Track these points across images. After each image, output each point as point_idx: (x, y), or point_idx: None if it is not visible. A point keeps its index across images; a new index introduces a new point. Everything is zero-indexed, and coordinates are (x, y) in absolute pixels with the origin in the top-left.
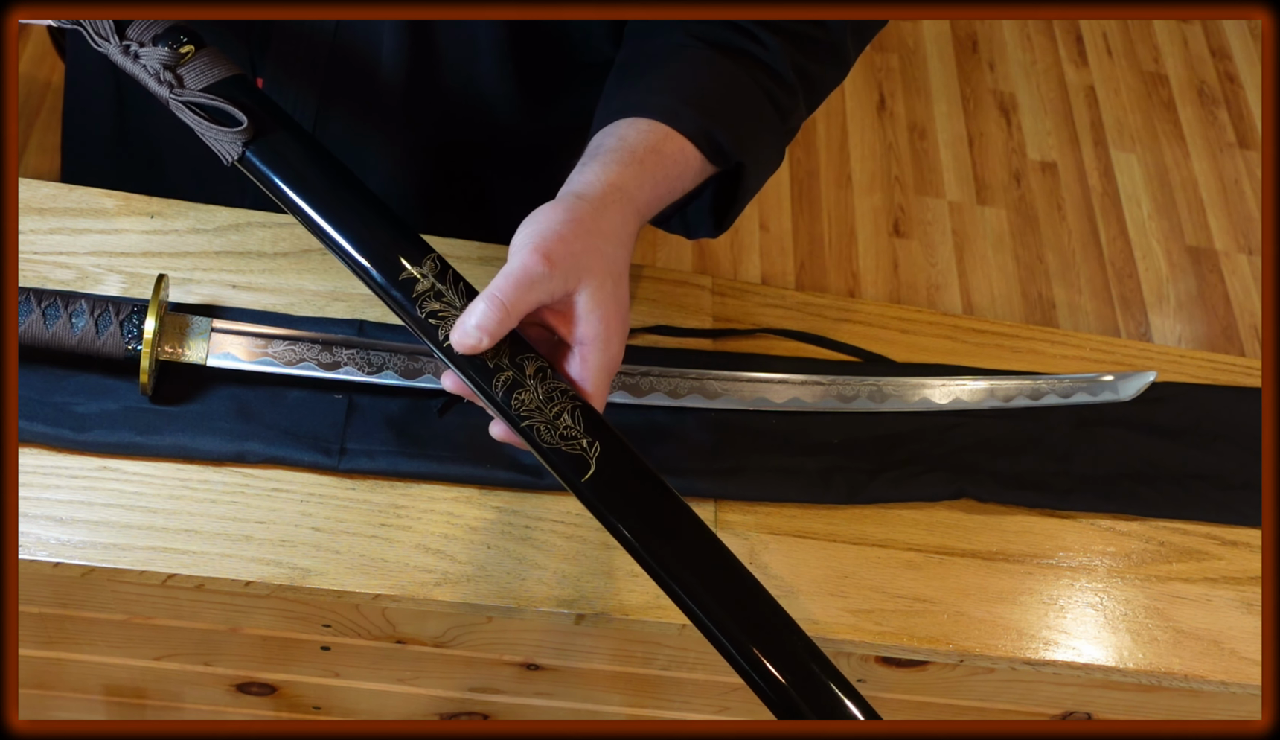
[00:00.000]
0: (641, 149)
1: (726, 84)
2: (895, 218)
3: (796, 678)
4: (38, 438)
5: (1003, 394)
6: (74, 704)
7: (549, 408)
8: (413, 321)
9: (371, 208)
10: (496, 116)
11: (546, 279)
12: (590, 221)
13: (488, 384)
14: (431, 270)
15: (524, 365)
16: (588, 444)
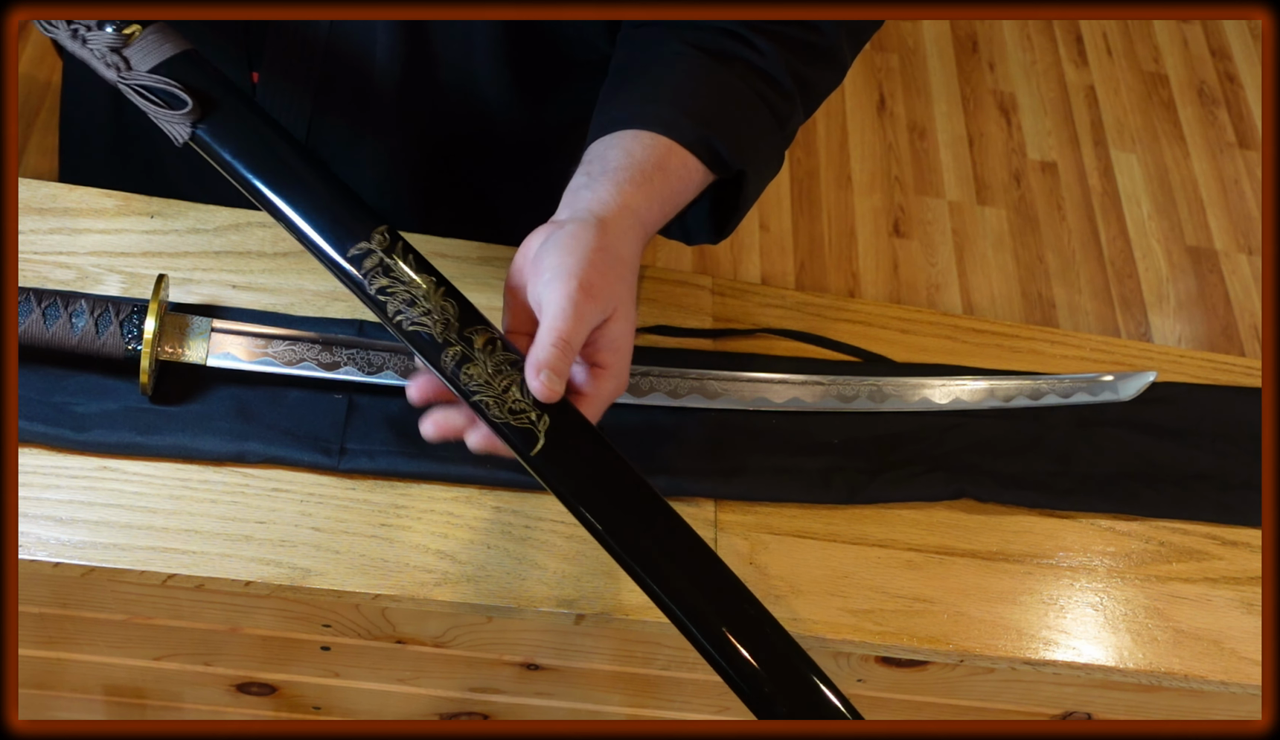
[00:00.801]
0: (649, 166)
1: (725, 93)
2: (895, 218)
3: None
4: (38, 438)
5: (1003, 394)
6: (74, 704)
7: (497, 381)
8: (364, 297)
9: (322, 182)
10: (492, 113)
11: (592, 313)
12: (615, 248)
13: (436, 360)
14: (381, 244)
15: (472, 339)
16: (536, 417)
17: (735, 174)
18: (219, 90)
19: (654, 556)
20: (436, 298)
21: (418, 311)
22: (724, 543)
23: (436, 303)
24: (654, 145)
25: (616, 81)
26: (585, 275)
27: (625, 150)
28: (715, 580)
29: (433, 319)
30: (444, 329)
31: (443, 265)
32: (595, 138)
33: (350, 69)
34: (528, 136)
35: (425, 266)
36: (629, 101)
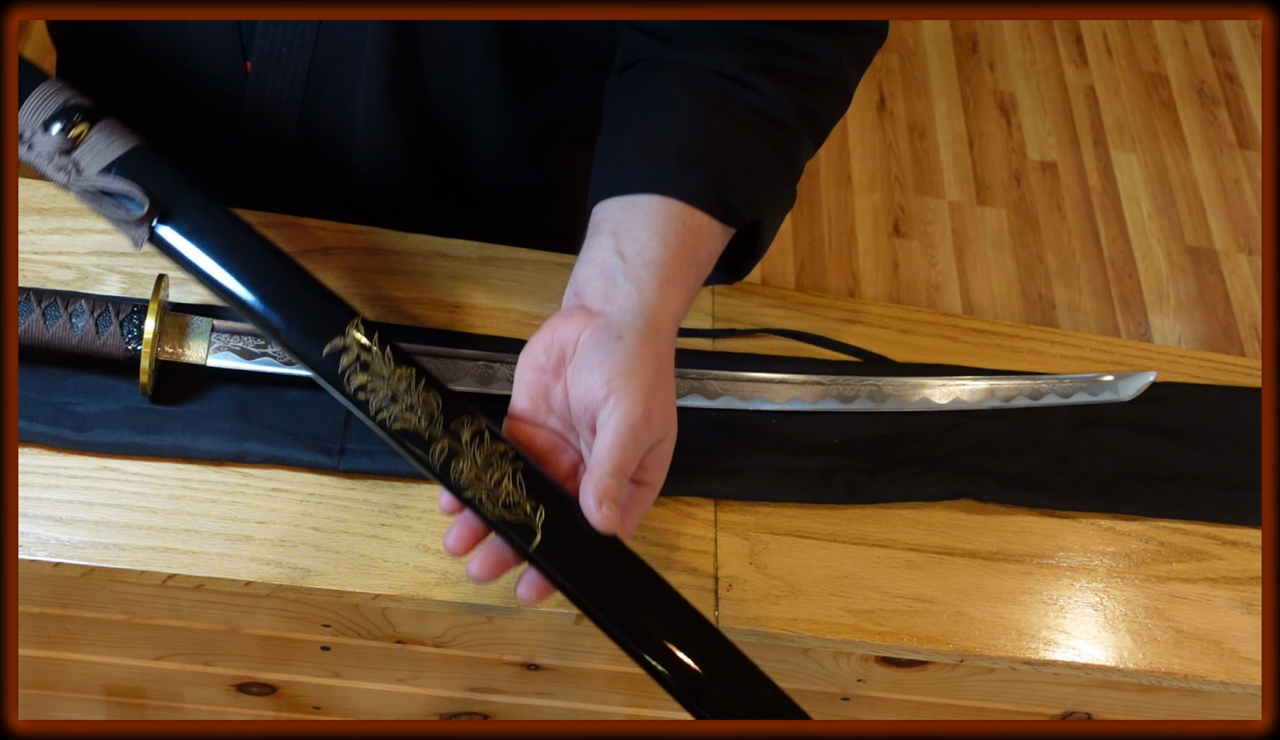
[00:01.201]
0: (682, 255)
1: (733, 145)
2: (895, 218)
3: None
4: (38, 438)
5: (1003, 394)
6: (74, 704)
7: (488, 474)
8: (343, 396)
9: (289, 276)
10: (482, 107)
11: (648, 439)
12: (665, 364)
13: (425, 456)
14: (355, 340)
15: (460, 432)
16: (531, 509)
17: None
18: (176, 186)
19: (667, 651)
20: (418, 391)
21: (400, 407)
22: (724, 543)
23: (419, 396)
24: (683, 231)
25: (617, 135)
26: (647, 401)
27: (660, 237)
28: (729, 664)
29: (416, 414)
30: (429, 423)
31: (443, 264)
32: (607, 195)
33: (340, 60)
34: (518, 132)
35: (403, 357)
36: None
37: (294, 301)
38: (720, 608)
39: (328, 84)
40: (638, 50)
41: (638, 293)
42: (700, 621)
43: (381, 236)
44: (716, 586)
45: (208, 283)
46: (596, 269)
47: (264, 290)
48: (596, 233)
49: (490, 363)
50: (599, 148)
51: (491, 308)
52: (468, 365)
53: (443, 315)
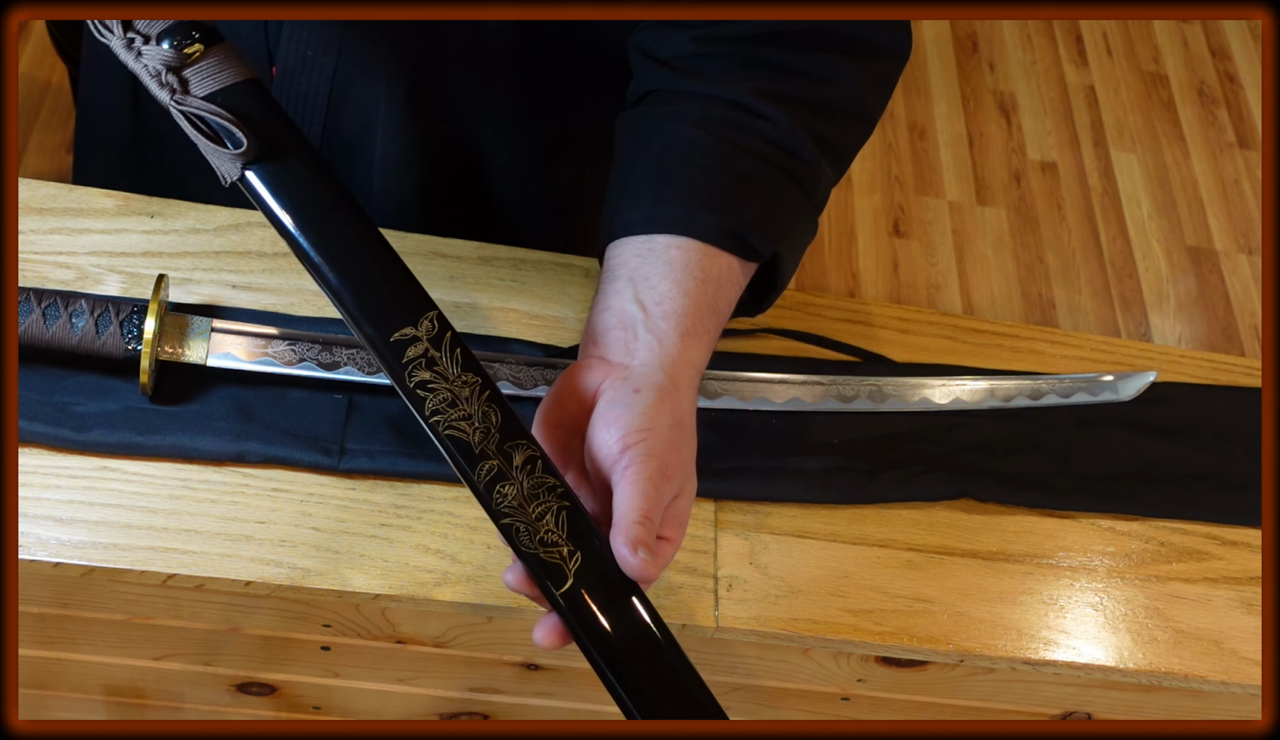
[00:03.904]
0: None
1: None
2: (895, 218)
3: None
4: (38, 438)
5: (1003, 394)
6: (74, 704)
7: (532, 506)
8: (401, 388)
9: (376, 254)
10: (501, 114)
11: (668, 494)
12: (685, 419)
13: (469, 472)
14: (428, 332)
15: (512, 455)
16: (568, 553)
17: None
18: (280, 130)
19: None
20: (479, 402)
21: (457, 414)
22: (724, 543)
23: (479, 408)
24: (703, 279)
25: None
26: (664, 458)
27: (679, 287)
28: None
29: (472, 425)
30: (483, 438)
31: (443, 264)
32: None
33: (364, 67)
34: (535, 142)
35: (472, 364)
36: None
37: (373, 280)
38: (720, 608)
39: (351, 89)
40: (649, 81)
41: (659, 345)
42: (714, 708)
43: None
44: (716, 586)
45: (288, 239)
46: (615, 318)
47: (344, 263)
48: (613, 278)
49: (490, 363)
50: (610, 185)
51: (491, 308)
52: None
53: None
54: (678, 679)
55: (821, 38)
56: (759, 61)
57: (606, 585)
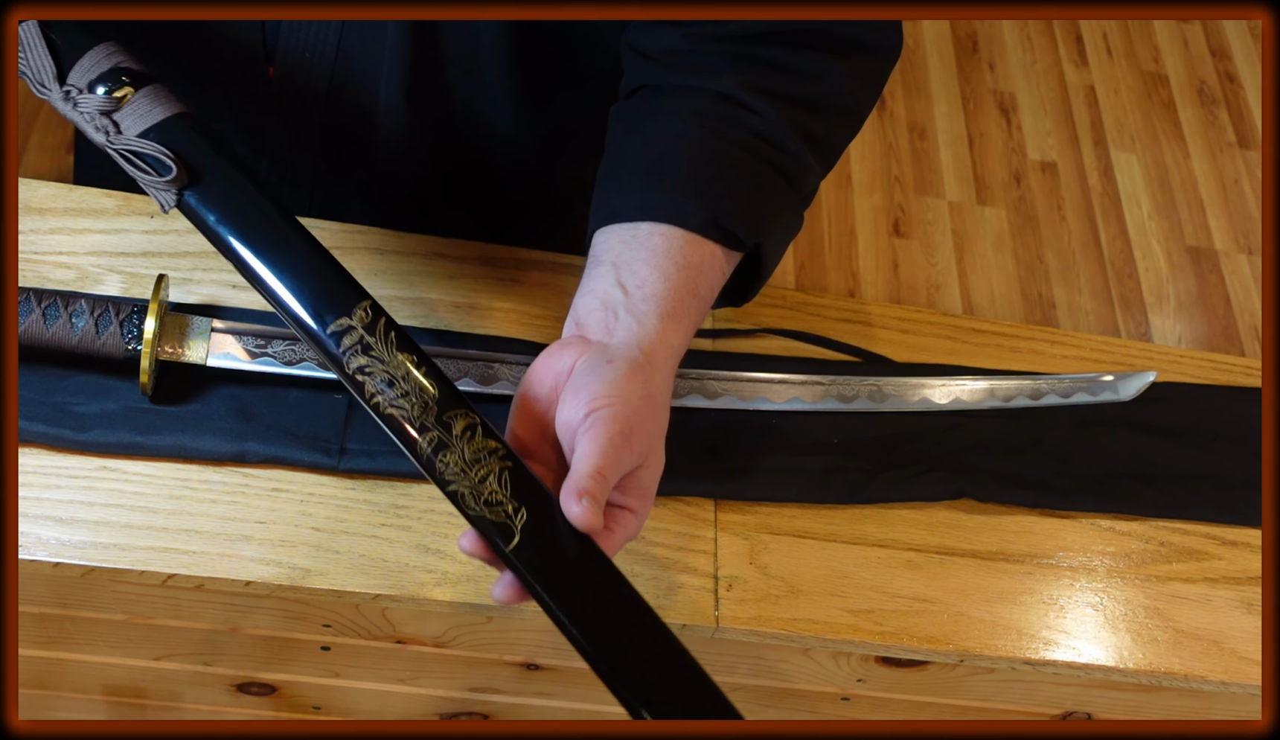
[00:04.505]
0: (684, 291)
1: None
2: (895, 218)
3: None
4: (38, 438)
5: (1003, 394)
6: (74, 704)
7: (474, 470)
8: (342, 375)
9: (307, 252)
10: (498, 114)
11: (629, 459)
12: (657, 394)
13: (413, 447)
14: (361, 320)
15: (451, 424)
16: (513, 510)
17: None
18: (208, 155)
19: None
20: (416, 378)
21: (395, 393)
22: (724, 543)
23: (415, 384)
24: (684, 264)
25: (617, 163)
26: (628, 421)
27: (661, 272)
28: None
29: (410, 402)
30: (422, 412)
31: (443, 264)
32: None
33: (362, 68)
34: (533, 139)
35: (407, 344)
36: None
37: (305, 276)
38: (720, 608)
39: (349, 89)
40: (640, 77)
41: (638, 326)
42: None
43: (382, 236)
44: (716, 586)
45: (226, 252)
46: (598, 300)
47: (277, 261)
48: (597, 263)
49: (490, 363)
50: (599, 176)
51: (491, 308)
52: (468, 365)
53: (443, 315)
54: (634, 619)
55: (812, 36)
56: (749, 57)
57: (556, 538)
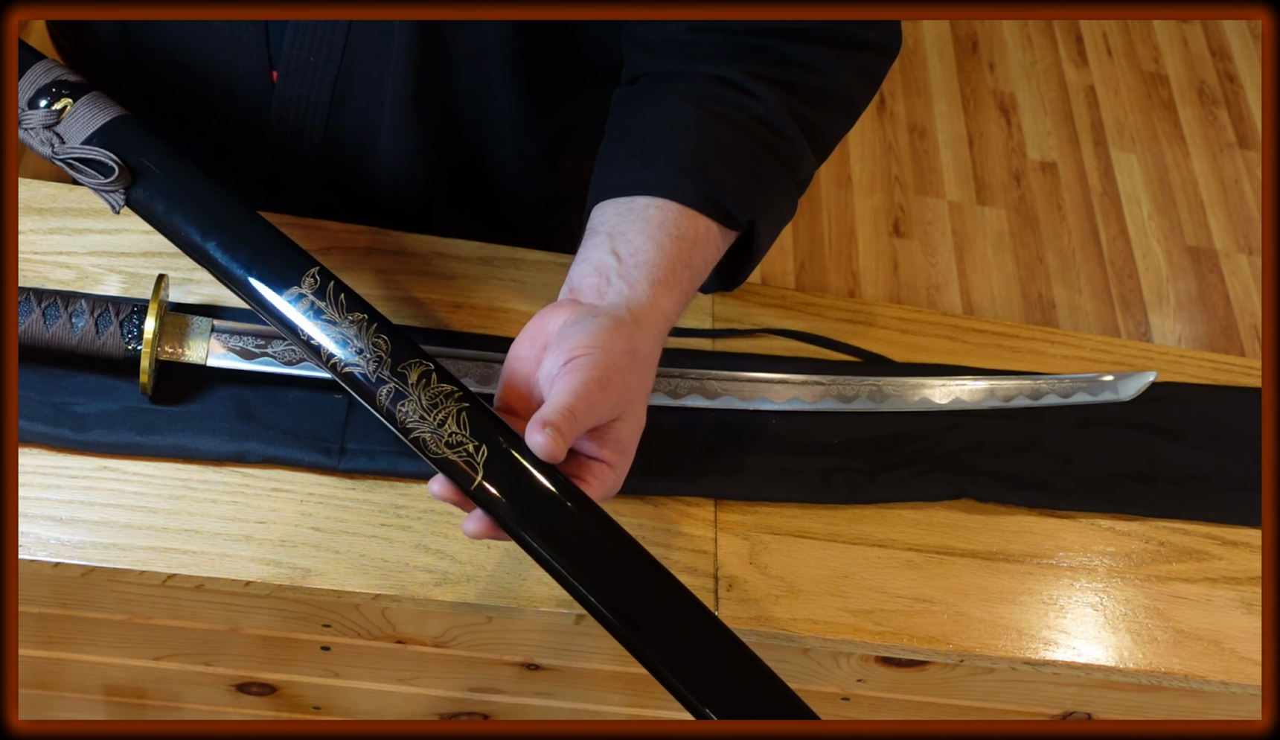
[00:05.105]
0: (677, 261)
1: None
2: (895, 218)
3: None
4: (38, 438)
5: (1003, 394)
6: (74, 704)
7: (433, 415)
8: (298, 343)
9: (251, 230)
10: (504, 115)
11: (604, 406)
12: (643, 352)
13: (372, 401)
14: (311, 287)
15: (406, 374)
16: (474, 448)
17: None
18: (151, 151)
19: (605, 589)
20: (369, 335)
21: (350, 351)
22: (724, 543)
23: (368, 341)
24: (678, 236)
25: (616, 142)
26: (606, 369)
27: (654, 241)
28: (670, 608)
29: (365, 358)
30: (377, 366)
31: (443, 264)
32: (604, 198)
33: (367, 70)
34: (537, 140)
35: (357, 304)
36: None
37: (252, 253)
38: (720, 608)
39: (353, 92)
40: (641, 66)
41: (629, 289)
42: (643, 556)
43: (382, 236)
44: (716, 586)
45: (177, 239)
46: (591, 267)
47: (225, 242)
48: (593, 234)
49: (490, 362)
50: (600, 155)
51: (491, 308)
52: (467, 365)
53: (443, 315)
54: (599, 542)
55: (812, 31)
56: (749, 47)
57: (519, 470)
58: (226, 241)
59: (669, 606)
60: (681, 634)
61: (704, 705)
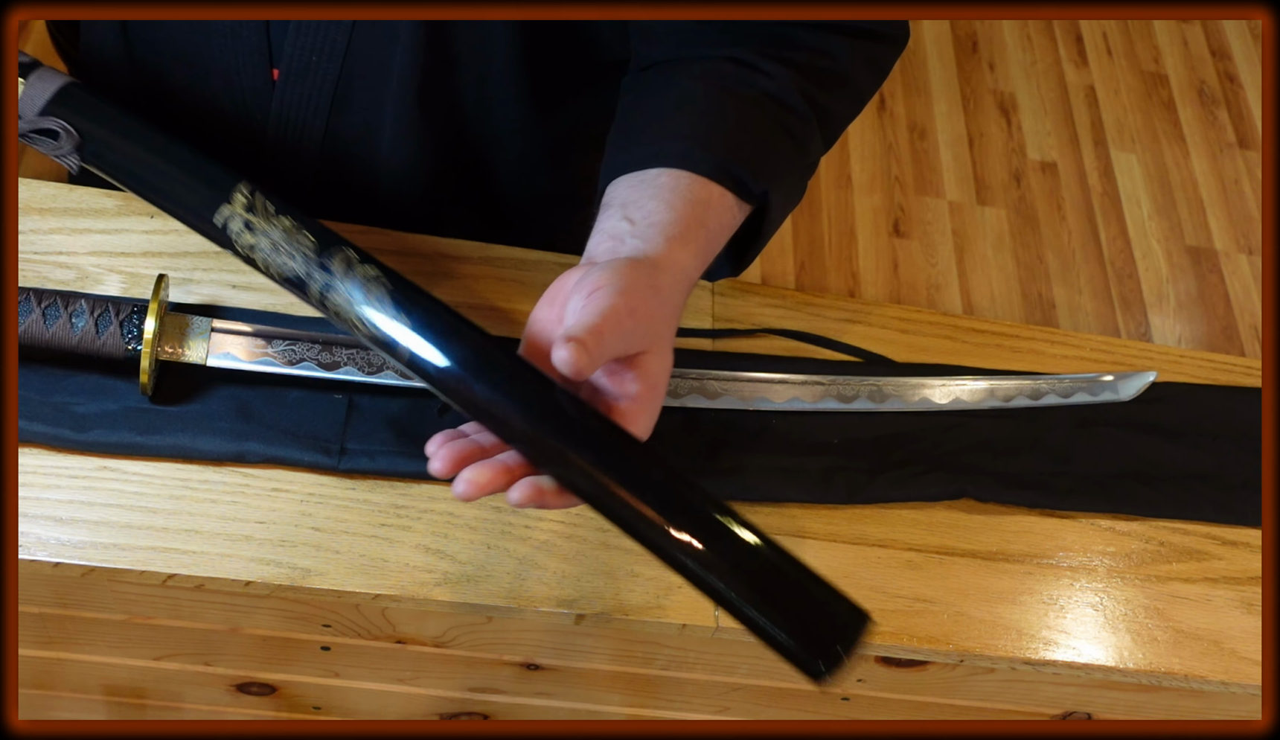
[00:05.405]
0: (691, 221)
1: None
2: (895, 218)
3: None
4: (38, 438)
5: (1003, 394)
6: (74, 704)
7: (360, 298)
8: (237, 256)
9: (180, 157)
10: (508, 115)
11: (632, 332)
12: (664, 290)
13: (307, 296)
14: (241, 204)
15: (330, 265)
16: (398, 324)
17: (760, 202)
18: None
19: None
20: (295, 236)
21: (282, 256)
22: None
23: (295, 241)
24: (691, 200)
25: (627, 121)
26: (631, 297)
27: (667, 204)
28: (558, 415)
29: (294, 257)
30: (305, 262)
31: (443, 264)
32: (614, 175)
33: (370, 70)
34: (541, 139)
35: (283, 209)
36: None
37: (182, 177)
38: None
39: (355, 92)
40: (651, 56)
41: (644, 244)
42: (539, 380)
43: (381, 236)
44: None
45: (125, 180)
46: (605, 235)
47: (156, 168)
48: (605, 208)
49: None
50: (610, 137)
51: (493, 308)
52: None
53: None
54: (523, 377)
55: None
56: (759, 32)
57: (437, 334)
58: (155, 167)
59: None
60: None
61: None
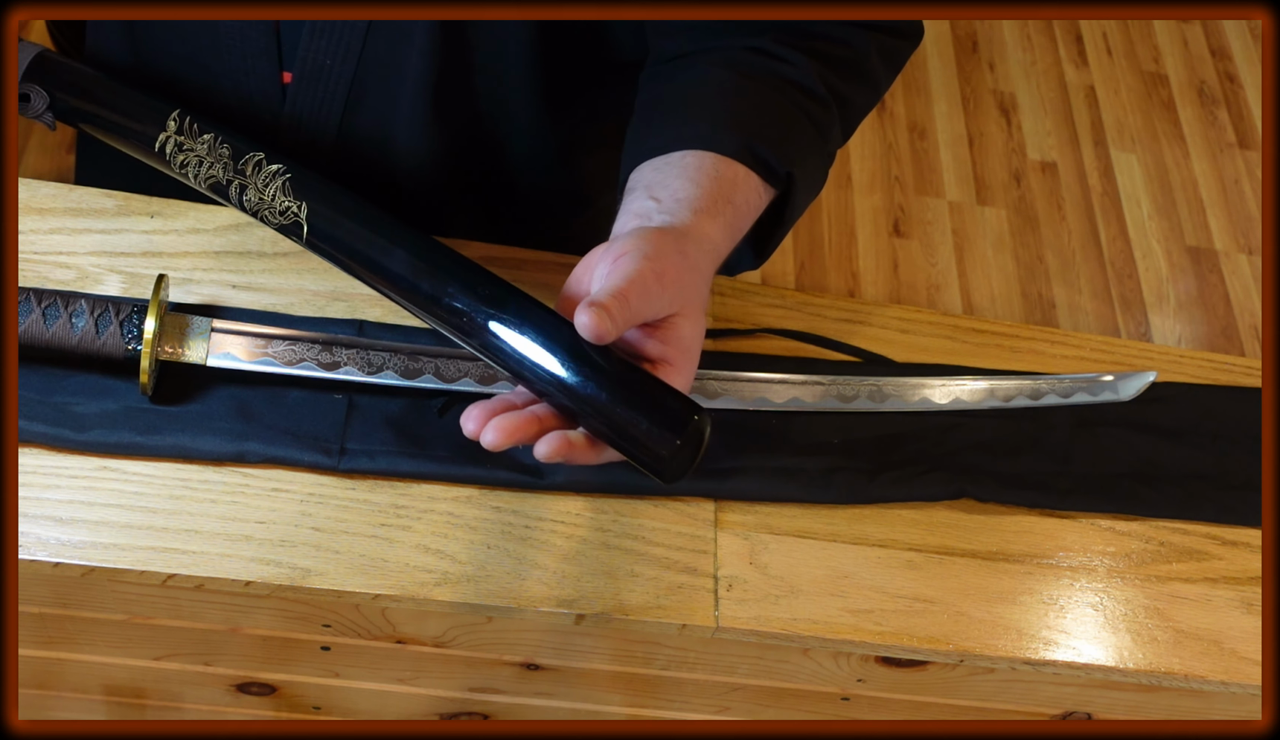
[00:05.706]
0: (719, 197)
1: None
2: (895, 218)
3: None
4: (38, 438)
5: (1003, 394)
6: (74, 704)
7: (266, 192)
8: (175, 176)
9: (118, 94)
10: (520, 114)
11: (660, 297)
12: (693, 258)
13: (228, 198)
14: (174, 129)
15: (245, 169)
16: (298, 208)
17: (785, 185)
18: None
19: (446, 298)
20: (215, 148)
21: (206, 167)
22: (724, 543)
23: (217, 153)
24: (717, 177)
25: (649, 110)
26: (659, 262)
27: (693, 182)
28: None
29: (216, 169)
30: (225, 170)
31: None
32: (637, 162)
33: (385, 72)
34: (551, 138)
35: (207, 128)
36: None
37: (122, 110)
38: (720, 608)
39: (368, 96)
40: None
41: (671, 218)
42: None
43: None
44: (716, 586)
45: (90, 123)
46: (631, 215)
47: (106, 103)
48: (629, 192)
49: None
50: (631, 126)
51: None
52: (468, 365)
53: None
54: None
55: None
56: (777, 23)
57: (336, 214)
58: (105, 103)
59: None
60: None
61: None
